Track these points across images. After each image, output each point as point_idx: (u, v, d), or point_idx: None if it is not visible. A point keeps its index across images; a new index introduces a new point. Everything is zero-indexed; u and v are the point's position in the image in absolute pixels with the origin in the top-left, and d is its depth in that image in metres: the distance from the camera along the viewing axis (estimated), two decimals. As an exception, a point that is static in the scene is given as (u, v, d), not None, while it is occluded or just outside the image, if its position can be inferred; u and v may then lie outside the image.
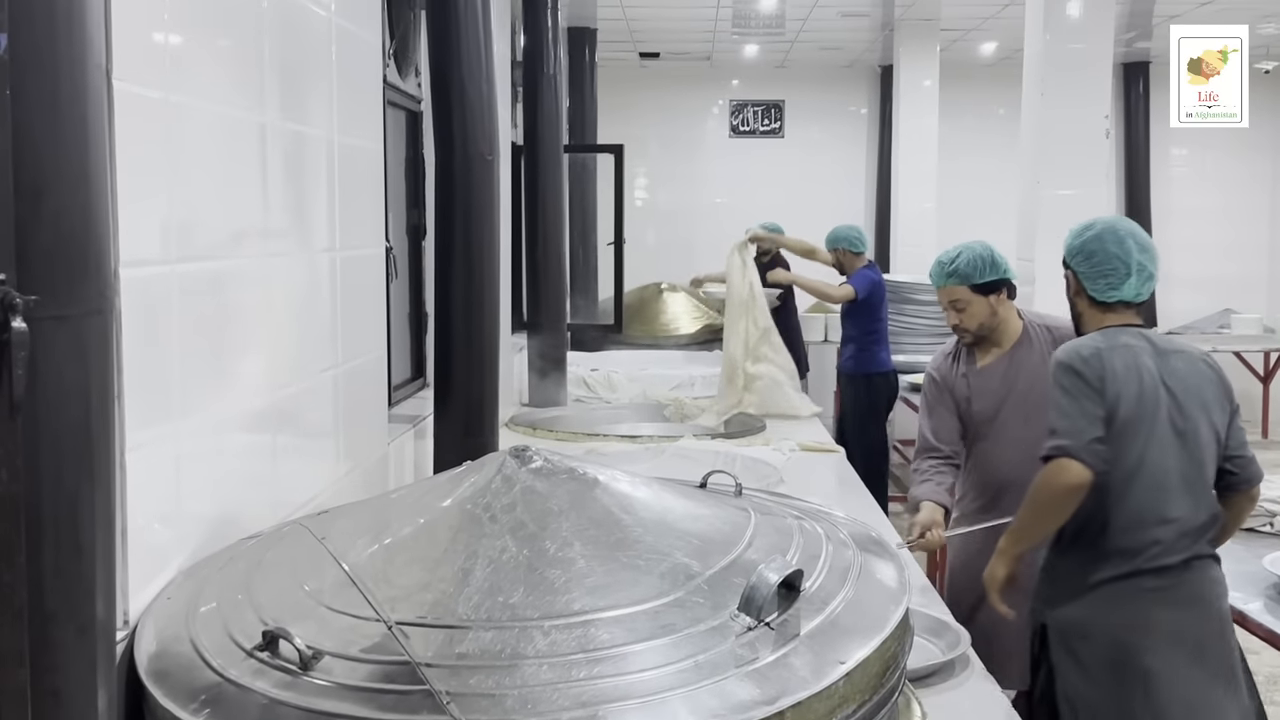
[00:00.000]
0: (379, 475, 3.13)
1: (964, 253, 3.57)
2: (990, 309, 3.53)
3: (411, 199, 4.22)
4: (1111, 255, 2.95)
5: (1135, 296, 2.96)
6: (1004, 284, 3.55)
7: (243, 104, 2.17)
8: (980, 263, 3.53)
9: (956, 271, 3.54)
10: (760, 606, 1.50)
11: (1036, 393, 3.46)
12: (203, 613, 1.66)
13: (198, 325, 1.96)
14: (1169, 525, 2.82)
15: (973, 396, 3.56)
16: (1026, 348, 3.55)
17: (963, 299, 3.53)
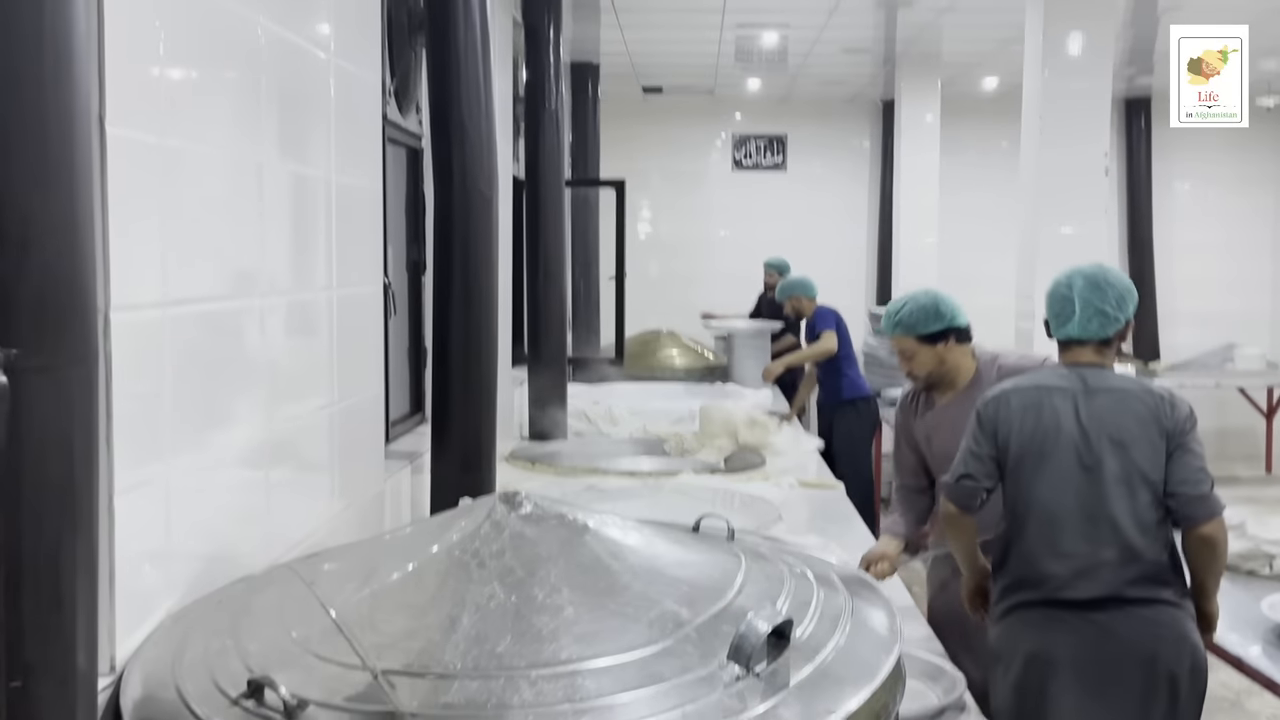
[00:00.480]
0: (375, 512, 3.12)
1: (909, 304, 3.61)
2: (937, 357, 3.57)
3: (411, 235, 4.23)
4: (1060, 296, 3.10)
5: (1084, 334, 3.05)
6: (950, 332, 3.57)
7: (240, 145, 2.18)
8: (923, 314, 3.56)
9: (901, 323, 3.59)
10: (750, 656, 1.49)
11: None
12: (189, 659, 1.65)
13: (192, 366, 1.97)
14: (1063, 560, 2.92)
15: (931, 436, 3.60)
16: (979, 388, 3.57)
17: (909, 349, 3.58)
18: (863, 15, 8.21)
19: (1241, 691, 5.30)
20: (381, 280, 3.25)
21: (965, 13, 7.99)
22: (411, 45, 3.94)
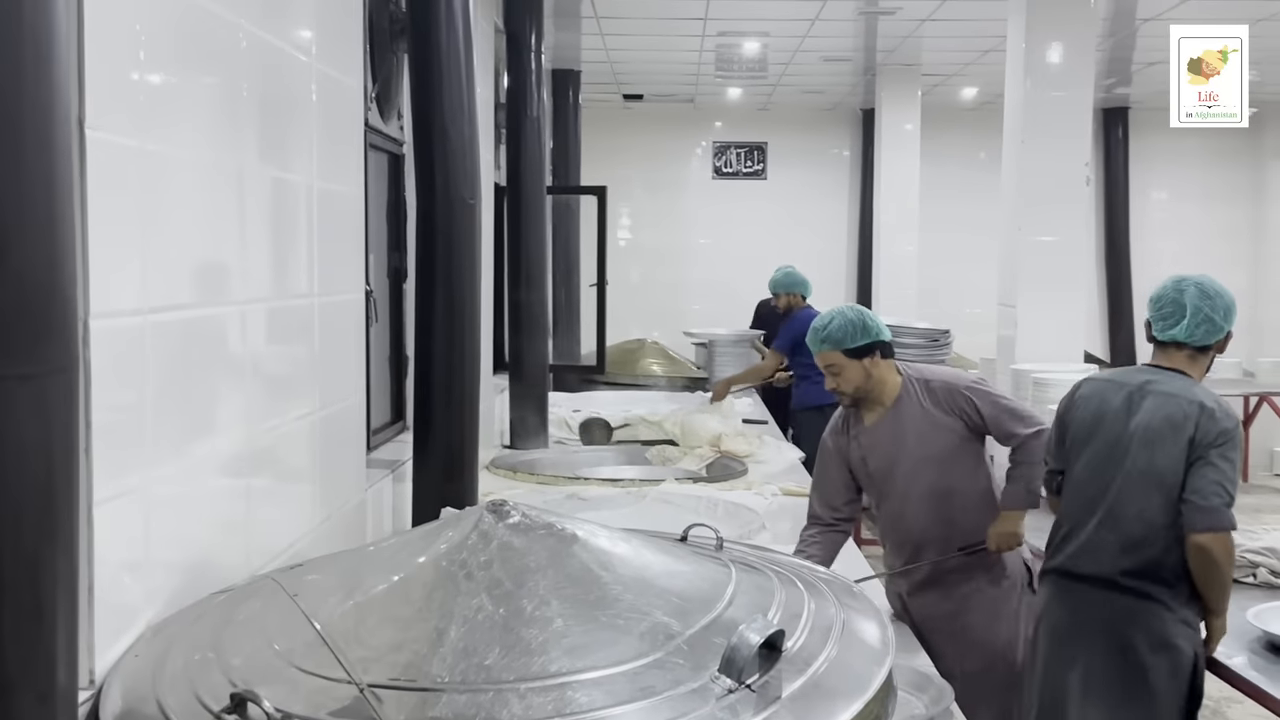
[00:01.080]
0: (357, 521, 3.09)
1: (836, 319, 3.59)
2: (864, 372, 3.55)
3: (393, 242, 4.20)
4: (1170, 299, 3.26)
5: (1189, 338, 3.24)
6: (876, 347, 3.56)
7: (221, 150, 2.15)
8: (851, 328, 3.55)
9: (829, 337, 3.57)
10: (741, 668, 1.47)
11: (925, 444, 3.51)
12: (170, 672, 1.62)
13: (172, 374, 1.93)
14: (1075, 537, 3.24)
15: (867, 456, 3.59)
16: (907, 403, 3.57)
17: (836, 363, 3.56)
18: (843, 25, 8.22)
19: (1223, 699, 5.31)
20: (363, 287, 3.22)
21: (945, 22, 8.02)
22: (393, 50, 3.91)
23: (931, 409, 3.55)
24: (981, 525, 3.55)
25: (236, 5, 2.21)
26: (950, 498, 3.54)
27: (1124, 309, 11.85)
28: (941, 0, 7.40)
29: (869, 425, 3.61)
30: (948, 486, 3.54)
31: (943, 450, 3.53)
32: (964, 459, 3.56)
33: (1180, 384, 3.19)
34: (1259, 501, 10.06)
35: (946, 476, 3.54)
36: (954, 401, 3.54)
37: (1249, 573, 3.79)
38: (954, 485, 3.54)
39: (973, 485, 3.56)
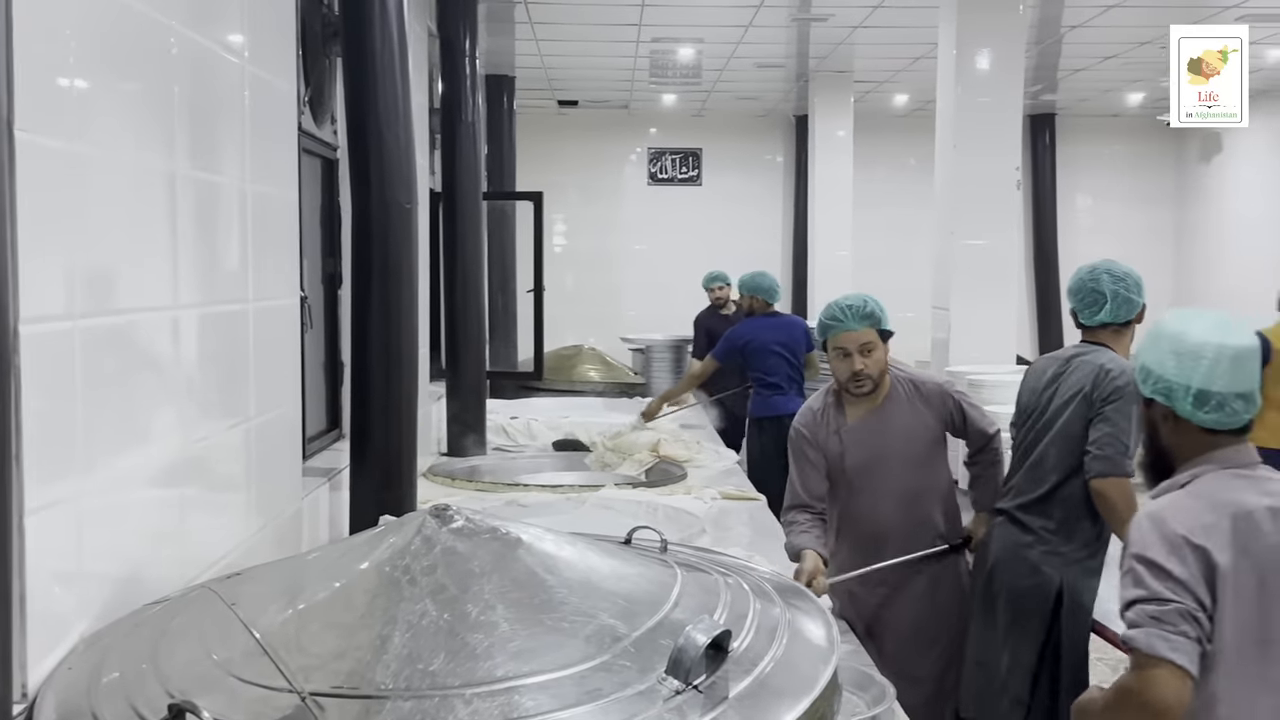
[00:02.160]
0: (293, 531, 3.05)
1: (869, 299, 3.61)
2: (886, 356, 3.59)
3: (327, 248, 4.16)
4: (1089, 289, 3.59)
5: (1114, 318, 3.57)
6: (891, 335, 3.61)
7: (151, 153, 2.11)
8: (883, 311, 3.59)
9: (872, 314, 3.56)
10: (688, 669, 1.47)
11: (910, 444, 3.55)
12: (105, 684, 1.58)
13: (103, 381, 1.89)
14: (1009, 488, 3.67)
15: (845, 452, 3.60)
16: (895, 402, 3.61)
17: (872, 341, 3.56)
18: (776, 31, 8.28)
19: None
20: (298, 293, 3.18)
21: (877, 29, 8.11)
22: (326, 54, 3.87)
23: (921, 408, 3.59)
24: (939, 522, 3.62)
25: (168, 8, 2.17)
26: (921, 496, 3.60)
27: (1052, 311, 12.06)
28: (873, 8, 7.48)
29: (852, 421, 3.62)
30: (921, 486, 3.60)
31: (924, 450, 3.60)
32: (939, 459, 3.65)
33: (1098, 355, 3.51)
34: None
35: (921, 476, 3.59)
36: (943, 403, 3.61)
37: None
38: (926, 484, 3.60)
39: (940, 484, 3.64)
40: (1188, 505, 2.20)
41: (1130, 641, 2.13)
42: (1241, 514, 2.17)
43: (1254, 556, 2.16)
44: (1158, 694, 2.08)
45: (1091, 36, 8.36)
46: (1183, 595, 2.10)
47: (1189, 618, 2.09)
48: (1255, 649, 2.16)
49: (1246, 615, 2.15)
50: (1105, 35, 8.33)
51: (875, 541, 3.62)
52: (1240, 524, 2.16)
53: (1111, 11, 7.51)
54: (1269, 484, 2.25)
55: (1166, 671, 2.07)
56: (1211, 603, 2.12)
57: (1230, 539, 2.15)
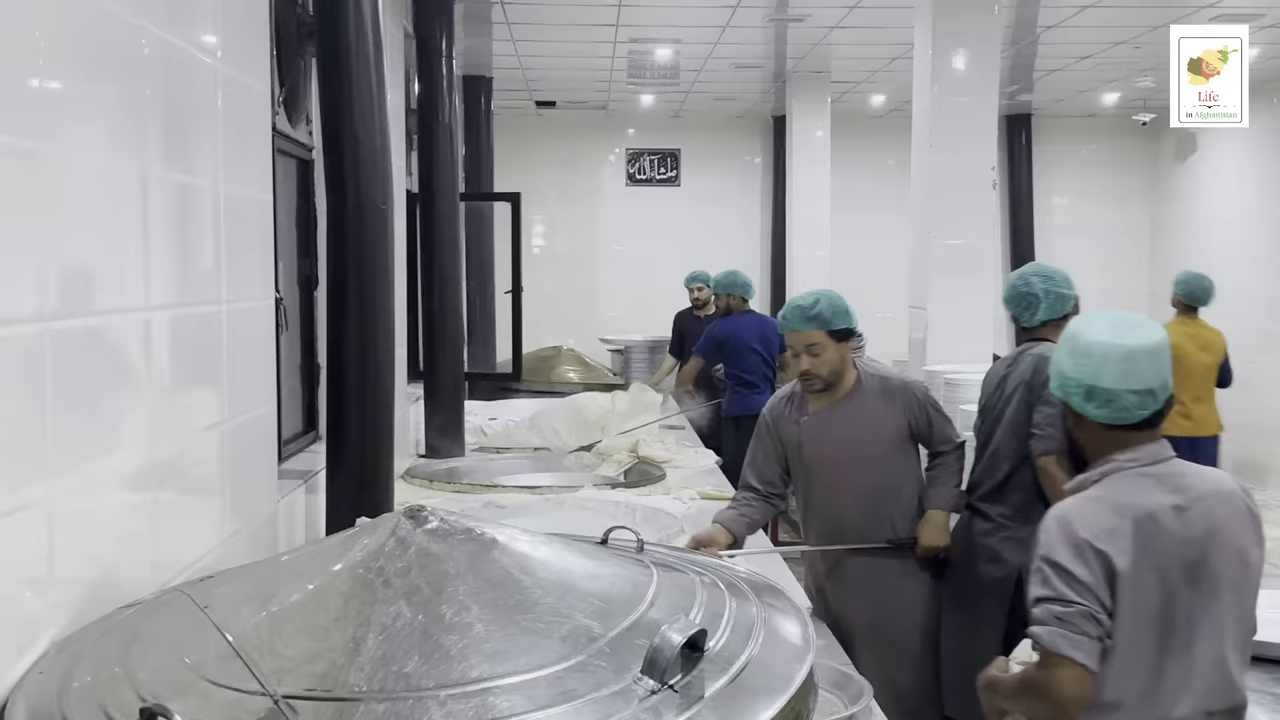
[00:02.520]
0: (268, 534, 3.03)
1: (822, 299, 3.63)
2: (840, 356, 3.59)
3: (303, 249, 4.14)
4: (1022, 293, 3.82)
5: (1051, 315, 3.79)
6: (852, 333, 3.60)
7: (123, 154, 2.10)
8: (836, 310, 3.60)
9: (818, 316, 3.59)
10: (664, 669, 1.47)
11: (871, 440, 3.57)
12: (77, 689, 1.56)
13: (74, 383, 1.88)
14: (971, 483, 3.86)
15: (804, 442, 3.63)
16: (859, 398, 3.62)
17: (819, 343, 3.59)
18: (753, 32, 8.29)
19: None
20: (272, 294, 3.16)
21: (854, 30, 8.13)
22: (300, 54, 3.86)
23: (883, 404, 3.60)
24: (908, 524, 3.62)
25: (140, 8, 2.15)
26: (881, 494, 3.60)
27: (1030, 311, 12.13)
28: (849, 8, 7.50)
29: (814, 413, 3.63)
30: (880, 483, 3.60)
31: (887, 446, 3.60)
32: (902, 457, 3.64)
33: (1038, 346, 3.74)
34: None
35: (881, 473, 3.60)
36: (908, 403, 3.61)
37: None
38: (886, 483, 3.60)
39: (903, 485, 3.63)
40: (1092, 509, 2.31)
41: (1036, 639, 2.25)
42: (1144, 516, 2.29)
43: (1155, 556, 2.28)
44: (1060, 689, 2.22)
45: (1067, 37, 8.40)
46: (1086, 597, 2.22)
47: (1091, 618, 2.22)
48: (1154, 642, 2.29)
49: (1145, 612, 2.29)
50: (1080, 35, 8.37)
51: (834, 536, 3.67)
52: (1143, 526, 2.28)
53: (1086, 12, 7.55)
54: (1177, 480, 2.35)
55: (1069, 668, 2.21)
56: (1112, 602, 2.25)
57: (1132, 542, 2.26)
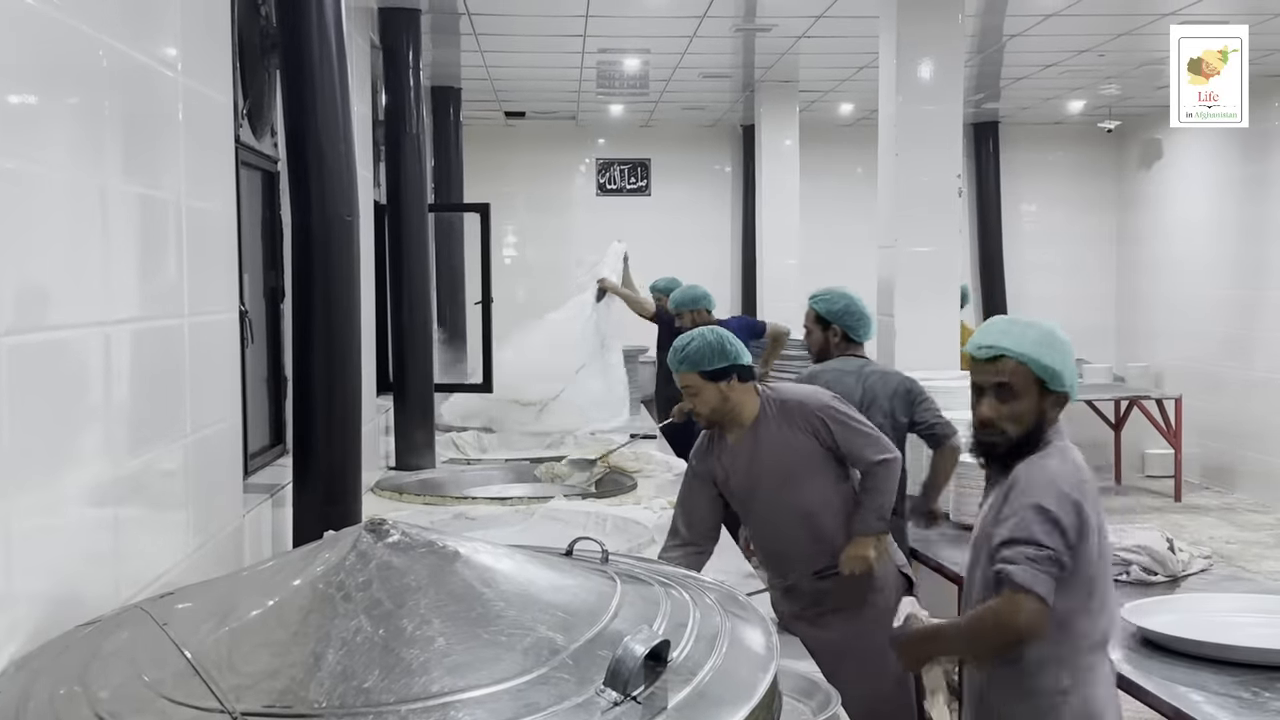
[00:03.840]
0: (234, 548, 3.01)
1: (695, 340, 3.62)
2: (720, 395, 3.58)
3: (269, 261, 4.12)
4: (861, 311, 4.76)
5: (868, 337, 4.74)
6: (733, 370, 3.59)
7: (81, 167, 2.08)
8: (709, 350, 3.58)
9: (687, 359, 3.60)
10: (627, 680, 1.46)
11: (784, 464, 3.57)
12: (34, 708, 1.55)
13: (33, 398, 1.86)
14: None
15: (729, 475, 3.64)
16: (765, 423, 3.62)
17: (693, 385, 3.60)
18: (721, 41, 8.32)
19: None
20: (236, 306, 3.14)
21: (821, 39, 8.17)
22: (264, 66, 3.84)
23: (785, 428, 3.58)
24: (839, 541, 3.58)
25: (97, 21, 2.14)
26: (812, 517, 3.58)
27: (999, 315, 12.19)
28: (815, 18, 7.53)
29: (731, 445, 3.64)
30: (807, 505, 3.57)
31: (800, 469, 3.57)
32: (822, 477, 3.58)
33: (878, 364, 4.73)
34: (1131, 502, 10.41)
35: (805, 495, 3.57)
36: (807, 420, 3.58)
37: (1122, 570, 3.91)
38: (813, 503, 3.57)
39: (832, 503, 3.59)
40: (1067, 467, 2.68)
41: (1008, 575, 2.56)
42: (1090, 474, 2.73)
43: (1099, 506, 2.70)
44: (1023, 620, 2.54)
45: (1031, 45, 8.47)
46: (1059, 544, 2.57)
47: (1057, 563, 2.56)
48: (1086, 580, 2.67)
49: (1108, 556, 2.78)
50: (1045, 44, 8.44)
51: (780, 561, 3.68)
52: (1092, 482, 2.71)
53: (1050, 20, 7.61)
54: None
55: (1033, 602, 2.53)
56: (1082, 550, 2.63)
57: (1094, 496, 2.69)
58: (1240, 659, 3.04)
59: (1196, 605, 3.49)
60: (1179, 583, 3.89)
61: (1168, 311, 11.57)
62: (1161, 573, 3.88)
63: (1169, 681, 3.00)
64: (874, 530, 3.55)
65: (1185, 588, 3.84)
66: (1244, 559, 8.23)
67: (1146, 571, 3.88)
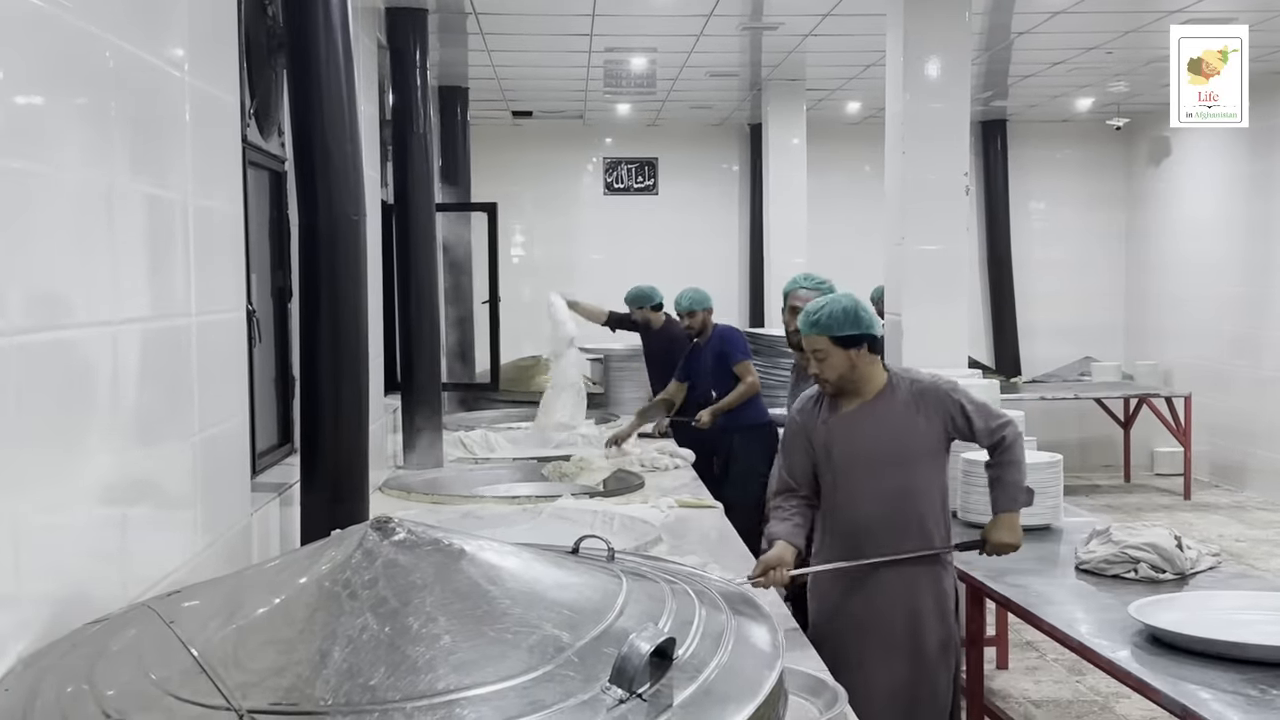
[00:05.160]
0: (242, 547, 3.02)
1: (829, 305, 3.63)
2: (849, 362, 3.59)
3: (276, 261, 4.12)
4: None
5: None
6: (864, 339, 3.60)
7: (89, 167, 2.09)
8: (843, 316, 3.59)
9: (819, 323, 3.61)
10: (632, 678, 1.46)
11: (901, 443, 3.56)
12: (42, 706, 1.56)
13: (41, 398, 1.87)
14: None
15: (831, 444, 3.62)
16: (888, 400, 3.61)
17: (823, 349, 3.59)
18: (728, 40, 8.31)
19: (1110, 695, 5.46)
20: (244, 306, 3.15)
21: (827, 38, 8.15)
22: (272, 66, 3.85)
23: (914, 409, 3.58)
24: (929, 529, 3.59)
25: (105, 21, 2.15)
26: (908, 497, 3.58)
27: (1007, 315, 12.15)
28: (822, 16, 7.52)
29: (843, 413, 3.64)
30: (908, 486, 3.57)
31: (915, 451, 3.58)
32: (934, 462, 3.61)
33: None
34: (1140, 500, 10.38)
35: (915, 476, 3.58)
36: (941, 405, 3.58)
37: (1130, 568, 3.90)
38: (914, 487, 3.58)
39: (934, 487, 3.62)
40: None
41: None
42: None
43: None
44: None
45: (1039, 43, 8.44)
46: None
47: None
48: None
49: None
50: (1053, 41, 8.41)
51: (857, 538, 3.61)
52: None
53: (1058, 18, 7.58)
54: None
55: None
56: None
57: None
58: (1249, 657, 3.03)
59: (1205, 603, 3.48)
60: (1187, 580, 3.87)
61: (1177, 309, 11.53)
62: (1170, 570, 3.87)
63: (1177, 679, 2.99)
64: (1018, 504, 3.63)
65: (1194, 585, 3.83)
66: (1253, 557, 8.20)
67: (1155, 569, 3.87)
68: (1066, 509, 4.95)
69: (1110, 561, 3.94)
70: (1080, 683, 5.68)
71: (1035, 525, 4.68)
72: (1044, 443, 5.21)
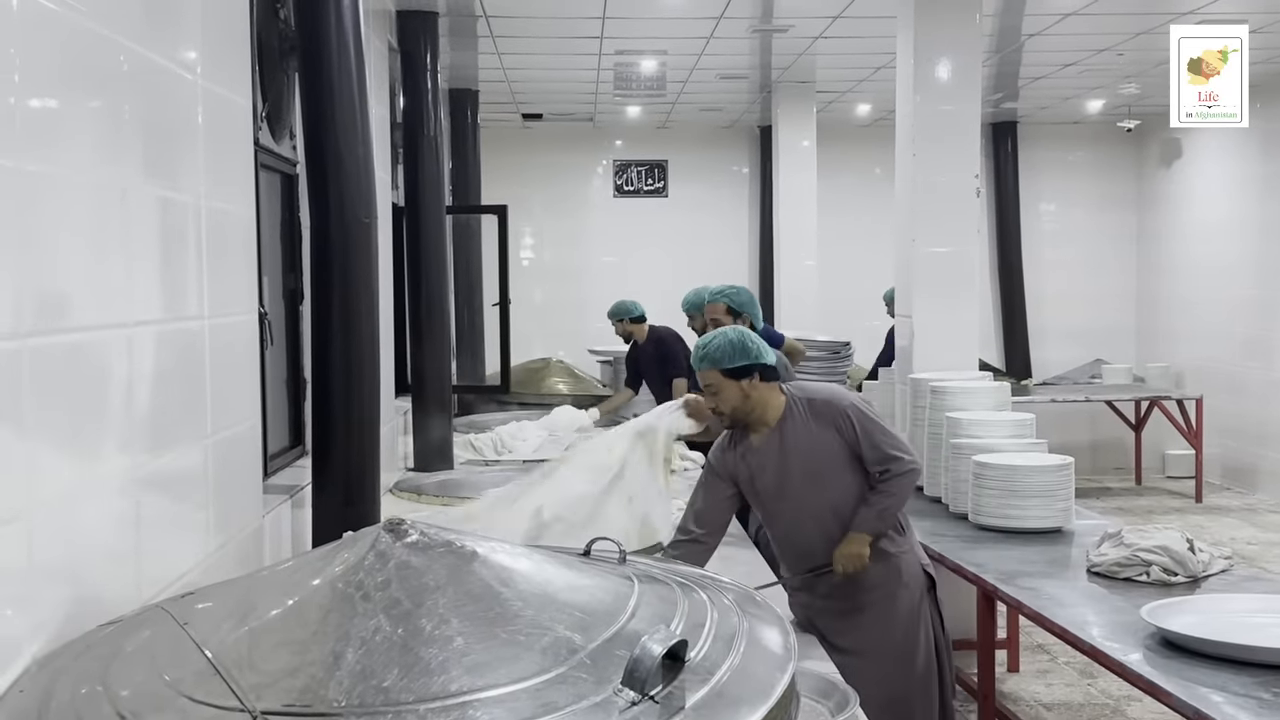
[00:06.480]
0: (254, 548, 3.03)
1: (716, 338, 3.63)
2: (742, 393, 3.57)
3: (288, 263, 4.14)
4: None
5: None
6: (754, 369, 3.58)
7: (102, 170, 2.10)
8: (730, 349, 3.57)
9: (708, 356, 3.60)
10: (644, 680, 1.47)
11: (813, 460, 3.55)
12: (56, 707, 1.56)
13: (56, 400, 1.88)
14: None
15: (754, 475, 3.62)
16: (791, 422, 3.60)
17: (714, 383, 3.59)
18: (738, 42, 8.31)
19: (1122, 698, 5.44)
20: (256, 309, 3.16)
21: (838, 40, 8.15)
22: (283, 69, 3.86)
23: (813, 424, 3.57)
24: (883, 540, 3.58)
25: (119, 25, 2.16)
26: (838, 513, 3.57)
27: (1018, 317, 12.13)
28: (833, 19, 7.52)
29: (756, 445, 3.63)
30: (837, 502, 3.56)
31: (830, 465, 3.56)
32: (851, 474, 3.56)
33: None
34: (1151, 503, 10.35)
35: (835, 492, 3.56)
36: (833, 416, 3.56)
37: (1142, 571, 3.89)
38: (842, 500, 3.56)
39: (856, 502, 3.58)
40: None
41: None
42: None
43: None
44: None
45: (1050, 45, 8.43)
46: None
47: None
48: None
49: None
50: (1063, 43, 8.40)
51: (806, 559, 3.63)
52: None
53: (1068, 20, 7.58)
54: None
55: None
56: None
57: None
58: (1261, 660, 3.02)
59: (1217, 606, 3.47)
60: (1199, 583, 3.86)
61: (1188, 311, 11.50)
62: (1182, 573, 3.86)
63: (1189, 682, 2.98)
64: (872, 530, 3.54)
65: (1206, 588, 3.82)
66: (1265, 560, 8.17)
67: (1167, 572, 3.86)
68: (1078, 511, 4.94)
69: (1122, 564, 3.93)
70: (1092, 686, 5.66)
71: (1046, 528, 4.68)
72: (1055, 445, 5.19)
